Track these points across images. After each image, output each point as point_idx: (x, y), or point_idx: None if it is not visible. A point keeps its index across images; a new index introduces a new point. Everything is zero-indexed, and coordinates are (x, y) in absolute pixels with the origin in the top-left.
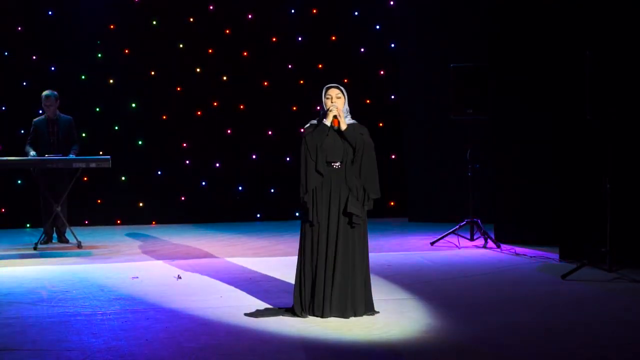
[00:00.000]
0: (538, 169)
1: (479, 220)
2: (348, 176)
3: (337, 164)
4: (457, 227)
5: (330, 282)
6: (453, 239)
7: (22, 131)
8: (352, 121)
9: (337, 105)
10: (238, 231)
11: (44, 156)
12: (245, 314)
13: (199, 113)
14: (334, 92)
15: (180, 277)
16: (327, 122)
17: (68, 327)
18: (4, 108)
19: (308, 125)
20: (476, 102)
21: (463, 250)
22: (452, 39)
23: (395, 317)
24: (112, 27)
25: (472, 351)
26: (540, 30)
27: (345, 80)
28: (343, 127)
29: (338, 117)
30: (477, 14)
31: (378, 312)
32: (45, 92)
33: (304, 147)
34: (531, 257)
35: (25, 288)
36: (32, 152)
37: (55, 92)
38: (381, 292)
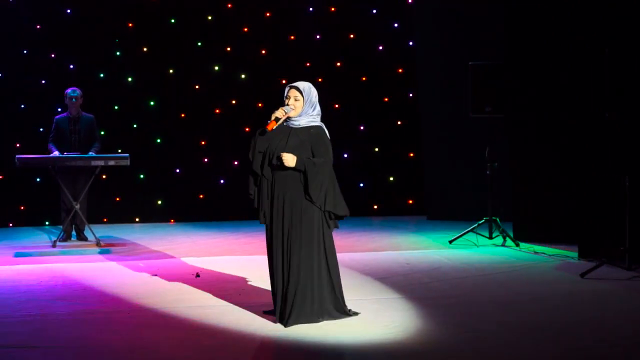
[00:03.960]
0: (556, 168)
1: (498, 219)
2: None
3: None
4: (476, 225)
5: (286, 287)
6: (471, 237)
7: (41, 129)
8: (312, 123)
9: (292, 107)
10: (257, 229)
11: (63, 154)
12: (262, 315)
13: (217, 111)
14: (292, 94)
15: (199, 275)
16: (269, 125)
17: (87, 325)
18: (23, 106)
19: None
20: (495, 100)
21: (481, 249)
22: (470, 36)
23: (399, 315)
24: (130, 25)
25: (488, 347)
26: (559, 28)
27: (364, 79)
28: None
29: (281, 118)
30: (495, 12)
31: (357, 313)
32: (70, 90)
33: (250, 148)
34: (550, 255)
35: (44, 285)
36: (56, 152)
37: (79, 90)
38: (388, 291)
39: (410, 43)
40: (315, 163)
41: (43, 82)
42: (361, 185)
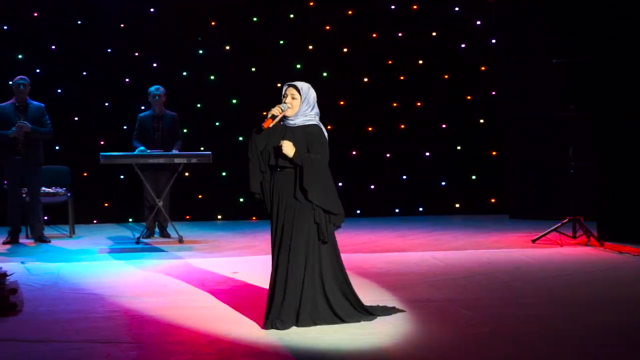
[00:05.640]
0: None
1: (582, 218)
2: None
3: (281, 169)
4: (559, 224)
5: (283, 290)
6: (555, 236)
7: (125, 127)
8: (309, 122)
9: (289, 105)
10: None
11: (147, 151)
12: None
13: None
14: (289, 92)
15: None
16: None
17: (169, 320)
18: (107, 104)
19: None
20: (579, 99)
21: (565, 248)
22: (554, 34)
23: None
24: (213, 23)
25: (570, 347)
26: None
27: (446, 77)
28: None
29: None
30: (579, 8)
31: (373, 315)
32: (153, 88)
33: (249, 145)
34: (635, 255)
35: (127, 282)
36: (141, 148)
37: (163, 88)
38: (469, 291)
39: (493, 41)
40: (312, 159)
41: (127, 80)
42: (443, 183)
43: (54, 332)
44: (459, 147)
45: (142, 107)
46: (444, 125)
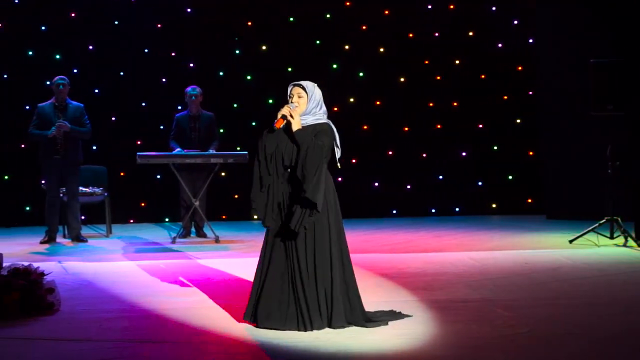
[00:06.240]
0: None
1: (619, 218)
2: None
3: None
4: (597, 225)
5: (280, 291)
6: (592, 237)
7: (162, 127)
8: (319, 120)
9: (296, 104)
10: (373, 227)
11: (183, 151)
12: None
13: (335, 109)
14: (295, 91)
15: None
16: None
17: (207, 320)
18: (144, 104)
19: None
20: (617, 98)
21: (602, 249)
22: (591, 33)
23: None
24: (249, 23)
25: (610, 347)
26: None
27: (482, 76)
28: (294, 127)
29: (289, 117)
30: (617, 8)
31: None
32: (189, 88)
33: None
34: None
35: (163, 281)
36: (178, 148)
37: (199, 88)
38: (505, 292)
39: (530, 40)
40: (313, 143)
41: (163, 80)
42: (479, 183)
43: (91, 332)
44: (495, 147)
45: (179, 107)
46: (480, 125)
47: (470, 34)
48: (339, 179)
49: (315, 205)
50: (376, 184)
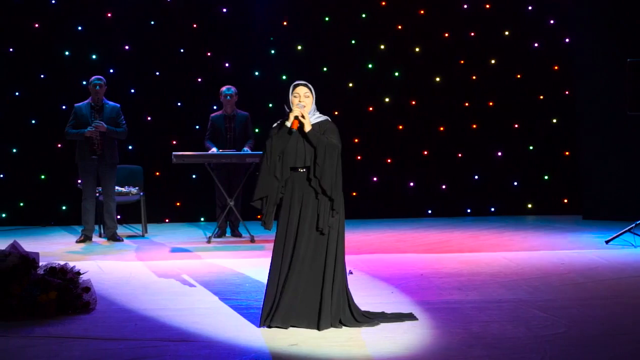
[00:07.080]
0: None
1: None
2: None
3: (302, 169)
4: (634, 225)
5: (294, 290)
6: (629, 237)
7: (197, 126)
8: (320, 119)
9: (304, 104)
10: (408, 227)
11: (219, 151)
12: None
13: (370, 109)
14: (302, 91)
15: (351, 272)
16: (288, 123)
17: (242, 320)
18: (179, 104)
19: (275, 125)
20: None
21: (639, 249)
22: (628, 32)
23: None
24: (285, 23)
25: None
26: None
27: (518, 76)
28: (307, 128)
29: (300, 118)
30: None
31: (376, 323)
32: (225, 88)
33: (264, 150)
34: None
35: (198, 280)
36: (214, 149)
37: (234, 88)
38: (539, 292)
39: (567, 40)
40: (328, 142)
41: (199, 80)
42: (515, 183)
43: (126, 330)
44: (531, 147)
45: (215, 107)
46: (516, 125)
47: (506, 33)
48: (374, 178)
49: (335, 203)
50: (411, 184)
